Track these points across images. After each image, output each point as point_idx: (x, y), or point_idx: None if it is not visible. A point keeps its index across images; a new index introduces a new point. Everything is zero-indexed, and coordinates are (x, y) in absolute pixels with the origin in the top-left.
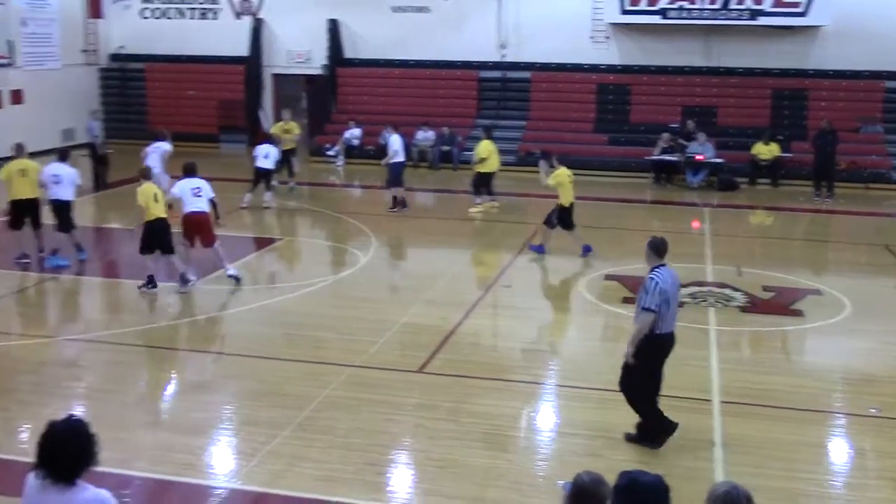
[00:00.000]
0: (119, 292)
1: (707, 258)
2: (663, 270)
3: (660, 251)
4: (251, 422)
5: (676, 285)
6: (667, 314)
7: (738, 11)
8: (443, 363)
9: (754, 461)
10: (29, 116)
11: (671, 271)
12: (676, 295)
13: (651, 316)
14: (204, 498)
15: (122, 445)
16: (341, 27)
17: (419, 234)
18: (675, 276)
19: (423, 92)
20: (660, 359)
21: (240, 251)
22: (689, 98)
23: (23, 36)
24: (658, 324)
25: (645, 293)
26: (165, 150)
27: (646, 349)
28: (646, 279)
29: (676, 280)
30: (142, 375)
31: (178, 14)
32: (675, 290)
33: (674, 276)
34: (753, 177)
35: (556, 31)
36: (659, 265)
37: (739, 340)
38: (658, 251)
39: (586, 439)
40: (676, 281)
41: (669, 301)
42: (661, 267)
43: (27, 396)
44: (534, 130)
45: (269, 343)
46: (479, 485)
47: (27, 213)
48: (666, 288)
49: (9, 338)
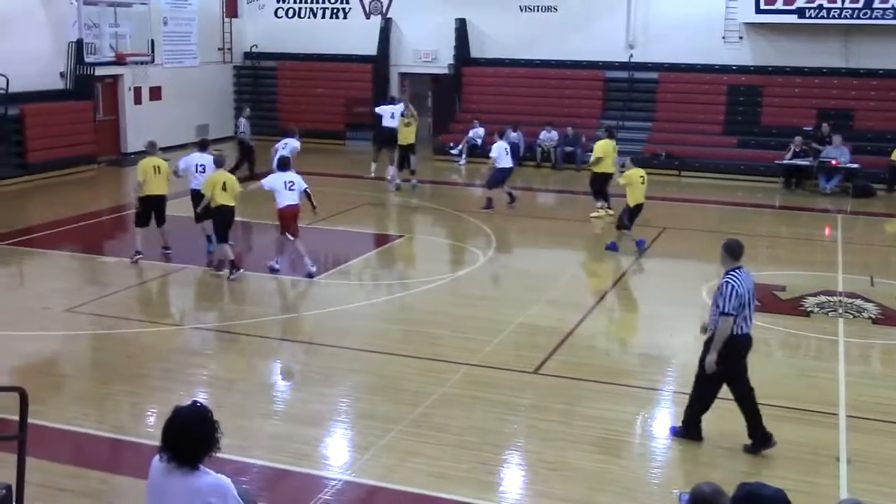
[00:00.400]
0: (244, 284)
1: (838, 267)
2: (739, 273)
3: (735, 254)
4: (367, 415)
5: (751, 287)
6: (741, 317)
7: (882, 10)
8: (558, 365)
9: (880, 479)
10: (166, 112)
11: (747, 274)
12: (752, 297)
13: (730, 320)
14: (318, 488)
15: (241, 433)
16: (469, 26)
17: (539, 235)
18: (751, 278)
19: (547, 92)
20: (737, 361)
21: (361, 247)
22: (825, 100)
23: (163, 34)
24: (734, 326)
25: (721, 297)
26: (294, 146)
27: (724, 351)
28: (721, 283)
29: (751, 282)
30: (263, 365)
31: (310, 13)
32: (751, 292)
33: (749, 279)
34: (892, 183)
35: (687, 31)
36: (735, 268)
37: (870, 353)
38: (734, 254)
39: (703, 448)
40: (751, 283)
41: (745, 304)
42: (737, 269)
43: (155, 382)
44: (660, 132)
45: (388, 339)
46: (591, 489)
47: (155, 209)
48: (742, 291)
49: (141, 325)
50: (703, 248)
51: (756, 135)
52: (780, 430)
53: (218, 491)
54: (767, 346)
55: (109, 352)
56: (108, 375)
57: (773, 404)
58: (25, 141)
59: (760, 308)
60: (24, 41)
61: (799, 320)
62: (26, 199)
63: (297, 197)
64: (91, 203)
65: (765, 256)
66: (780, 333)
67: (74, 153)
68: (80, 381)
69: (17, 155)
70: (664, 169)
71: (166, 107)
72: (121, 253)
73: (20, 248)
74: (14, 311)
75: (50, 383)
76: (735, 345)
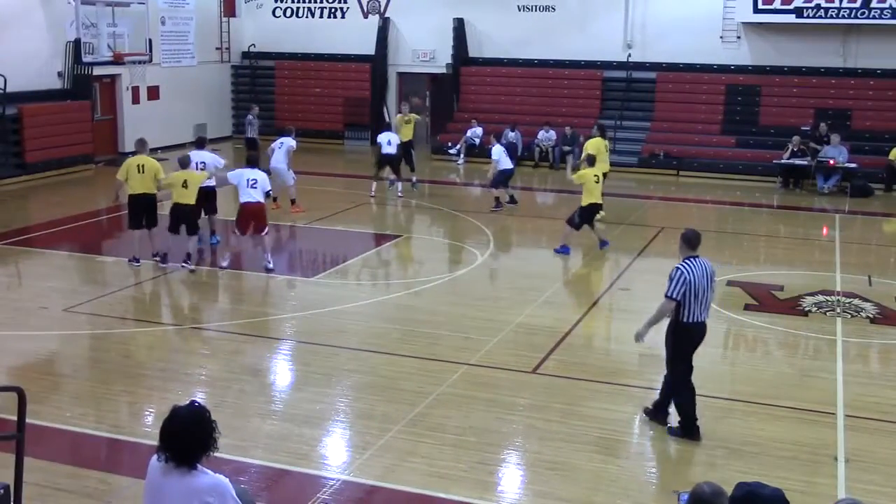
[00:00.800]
0: (242, 283)
1: (836, 266)
2: (693, 261)
3: (692, 244)
4: (365, 415)
5: (707, 277)
6: (693, 304)
7: (879, 10)
8: (557, 364)
9: (879, 479)
10: (164, 112)
11: (703, 263)
12: (707, 286)
13: (671, 304)
14: (317, 488)
15: (240, 433)
16: (467, 26)
17: (537, 235)
18: (708, 267)
19: (545, 92)
20: (689, 348)
21: (359, 247)
22: (823, 100)
23: (161, 34)
24: (683, 313)
25: (669, 281)
26: (290, 145)
27: (675, 338)
28: (672, 269)
29: (709, 272)
30: (261, 365)
31: (308, 13)
32: (706, 281)
33: (705, 268)
34: (890, 183)
35: (685, 31)
36: (690, 256)
37: (868, 353)
38: (690, 243)
39: (702, 448)
40: (709, 273)
41: (696, 292)
42: (692, 258)
43: (154, 381)
44: (658, 132)
45: (386, 338)
46: (589, 489)
47: (143, 210)
48: (691, 279)
49: (139, 324)
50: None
51: (754, 134)
52: (779, 429)
53: (216, 490)
54: (766, 346)
55: (107, 351)
56: (106, 375)
57: (772, 404)
58: (23, 141)
59: (758, 307)
60: (21, 41)
61: (797, 320)
62: (24, 199)
63: (260, 195)
64: (89, 203)
65: (763, 256)
66: (779, 333)
67: (72, 153)
68: (78, 380)
69: (14, 155)
70: (662, 168)
71: (164, 106)
72: (119, 253)
73: (18, 247)
74: (12, 310)
75: (48, 383)
76: (688, 332)
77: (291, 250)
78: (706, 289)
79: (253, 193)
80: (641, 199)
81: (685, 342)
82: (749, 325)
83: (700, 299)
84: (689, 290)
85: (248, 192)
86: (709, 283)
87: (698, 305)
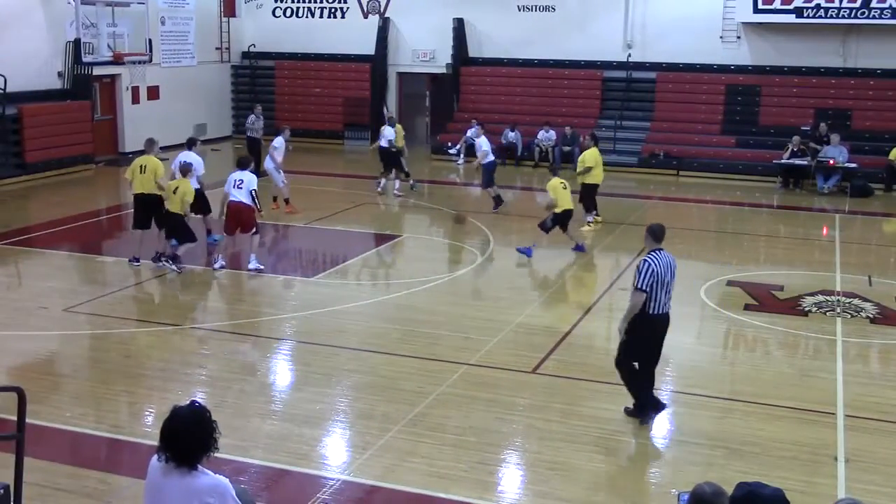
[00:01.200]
0: (242, 283)
1: (836, 266)
2: (658, 254)
3: (657, 236)
4: (365, 415)
5: (671, 270)
6: (659, 296)
7: (879, 10)
8: (556, 365)
9: (879, 479)
10: (164, 111)
11: (667, 256)
12: (671, 279)
13: (642, 296)
14: (317, 488)
15: (240, 433)
16: (467, 26)
17: (537, 235)
18: (672, 261)
19: (545, 91)
20: (653, 339)
21: (359, 247)
22: (823, 100)
23: (161, 34)
24: (650, 304)
25: (638, 274)
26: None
27: (640, 329)
28: (640, 261)
29: (672, 265)
30: (261, 365)
31: (307, 13)
32: (670, 274)
33: (669, 261)
34: (889, 183)
35: (685, 31)
36: (655, 249)
37: (868, 353)
38: (656, 236)
39: (702, 448)
40: (672, 266)
41: (662, 283)
42: (657, 251)
43: (154, 382)
44: (658, 132)
45: (386, 338)
46: (589, 489)
47: (146, 210)
48: (658, 271)
49: (139, 325)
50: (701, 248)
51: (754, 134)
52: (779, 429)
53: (216, 491)
54: (766, 346)
55: (107, 351)
56: (106, 375)
57: (772, 404)
58: (23, 141)
59: (758, 307)
60: (21, 41)
61: (797, 320)
62: (24, 199)
63: (244, 196)
64: (89, 203)
65: (763, 256)
66: (779, 333)
67: (72, 153)
68: (78, 380)
69: (15, 155)
70: (662, 168)
71: (164, 106)
72: (119, 253)
73: (18, 247)
74: (12, 310)
75: (48, 383)
76: (651, 323)
77: (291, 250)
78: (670, 281)
79: (237, 194)
80: (641, 199)
81: (647, 332)
82: (749, 325)
83: (665, 291)
84: (656, 281)
85: (233, 192)
86: (672, 276)
87: (664, 296)
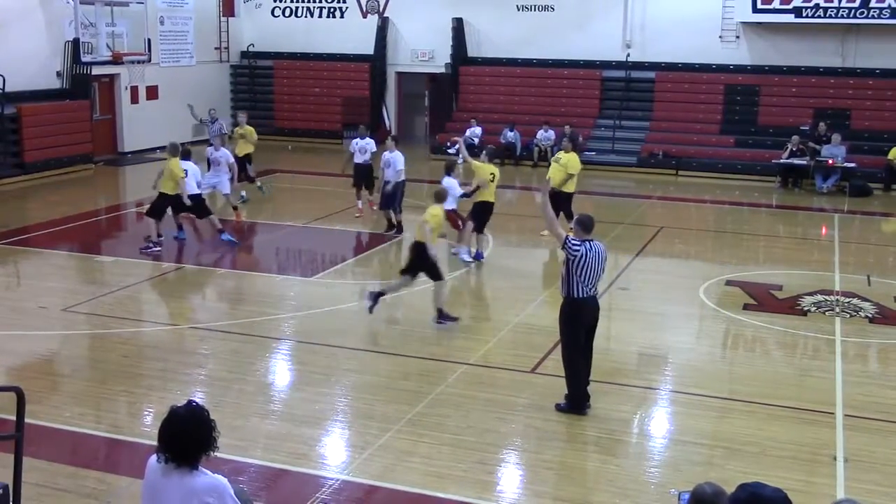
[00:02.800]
0: (242, 283)
1: (835, 266)
2: (588, 244)
3: (587, 227)
4: (364, 415)
5: (600, 259)
6: (587, 280)
7: (878, 10)
8: (556, 364)
9: (878, 479)
10: (163, 112)
11: (598, 246)
12: (598, 267)
13: (562, 238)
14: (316, 488)
15: (239, 433)
16: (466, 26)
17: (536, 235)
18: (601, 251)
19: (544, 91)
20: (579, 323)
21: (357, 247)
22: (822, 100)
23: (160, 34)
24: (575, 289)
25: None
26: None
27: (567, 312)
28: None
29: (601, 254)
30: (260, 365)
31: (306, 13)
32: (598, 262)
33: (599, 250)
34: (889, 183)
35: (684, 31)
36: (586, 239)
37: (867, 352)
38: (585, 227)
39: (702, 448)
40: (601, 255)
41: (588, 270)
42: (588, 241)
43: (152, 381)
44: (657, 132)
45: (385, 338)
46: (589, 488)
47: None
48: (589, 256)
49: (138, 324)
50: (700, 248)
51: (753, 134)
52: (778, 429)
53: (215, 491)
54: (765, 346)
55: (106, 351)
56: (104, 375)
57: (771, 403)
58: (22, 140)
59: (757, 307)
60: (20, 40)
61: (796, 319)
62: (23, 199)
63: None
64: (88, 202)
65: (762, 256)
66: (777, 332)
67: (71, 152)
68: (76, 380)
69: (13, 154)
70: (661, 168)
71: (163, 106)
72: (118, 252)
73: (17, 247)
74: (11, 310)
75: (47, 383)
76: (578, 306)
77: (291, 250)
78: (597, 269)
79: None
80: (640, 199)
81: (576, 317)
82: (748, 324)
83: (591, 277)
84: (583, 266)
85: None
86: (600, 265)
87: (589, 282)
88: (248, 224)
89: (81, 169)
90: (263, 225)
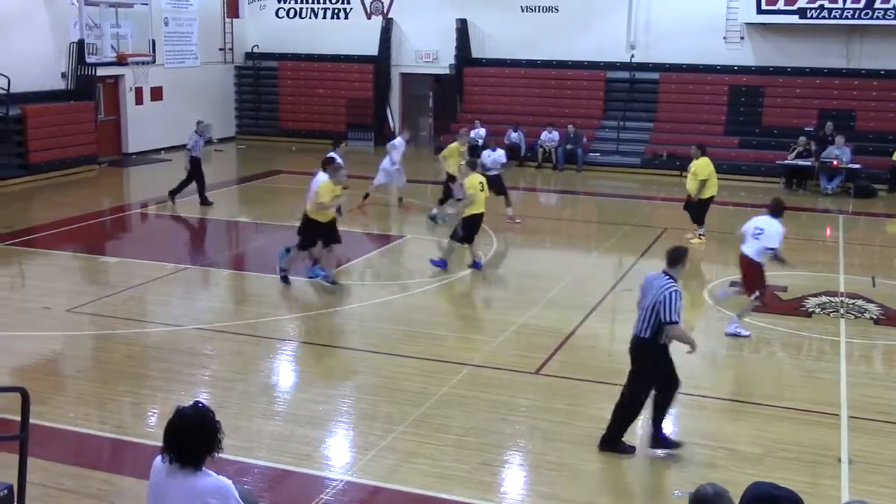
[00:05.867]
0: (244, 284)
1: (839, 267)
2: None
3: (670, 262)
4: (368, 416)
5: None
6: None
7: (883, 11)
8: (560, 365)
9: (882, 480)
10: (167, 112)
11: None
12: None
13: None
14: (320, 489)
15: (243, 434)
16: (470, 27)
17: (541, 236)
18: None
19: (549, 92)
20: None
21: (362, 247)
22: (826, 101)
23: (164, 35)
24: (662, 334)
25: (669, 305)
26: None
27: (654, 358)
28: (666, 292)
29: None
30: (265, 366)
31: (311, 14)
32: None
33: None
34: (893, 184)
35: (688, 32)
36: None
37: (871, 354)
38: (669, 261)
39: (704, 449)
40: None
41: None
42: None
43: (157, 382)
44: (661, 132)
45: (389, 339)
46: (592, 489)
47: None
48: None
49: (142, 325)
50: (704, 250)
51: (757, 135)
52: (782, 430)
53: (219, 492)
54: (769, 347)
55: (111, 352)
56: (109, 376)
57: (775, 405)
58: (27, 141)
59: (762, 308)
60: (25, 42)
61: (801, 321)
62: (28, 200)
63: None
64: (92, 203)
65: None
66: (782, 334)
67: (76, 153)
68: (81, 381)
69: (18, 155)
70: (665, 169)
71: (167, 107)
72: (122, 253)
73: (22, 248)
74: (15, 311)
75: (51, 384)
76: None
77: None
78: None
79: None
80: (644, 200)
81: (662, 361)
82: (752, 325)
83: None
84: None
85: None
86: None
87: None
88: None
89: (86, 170)
90: (267, 225)
